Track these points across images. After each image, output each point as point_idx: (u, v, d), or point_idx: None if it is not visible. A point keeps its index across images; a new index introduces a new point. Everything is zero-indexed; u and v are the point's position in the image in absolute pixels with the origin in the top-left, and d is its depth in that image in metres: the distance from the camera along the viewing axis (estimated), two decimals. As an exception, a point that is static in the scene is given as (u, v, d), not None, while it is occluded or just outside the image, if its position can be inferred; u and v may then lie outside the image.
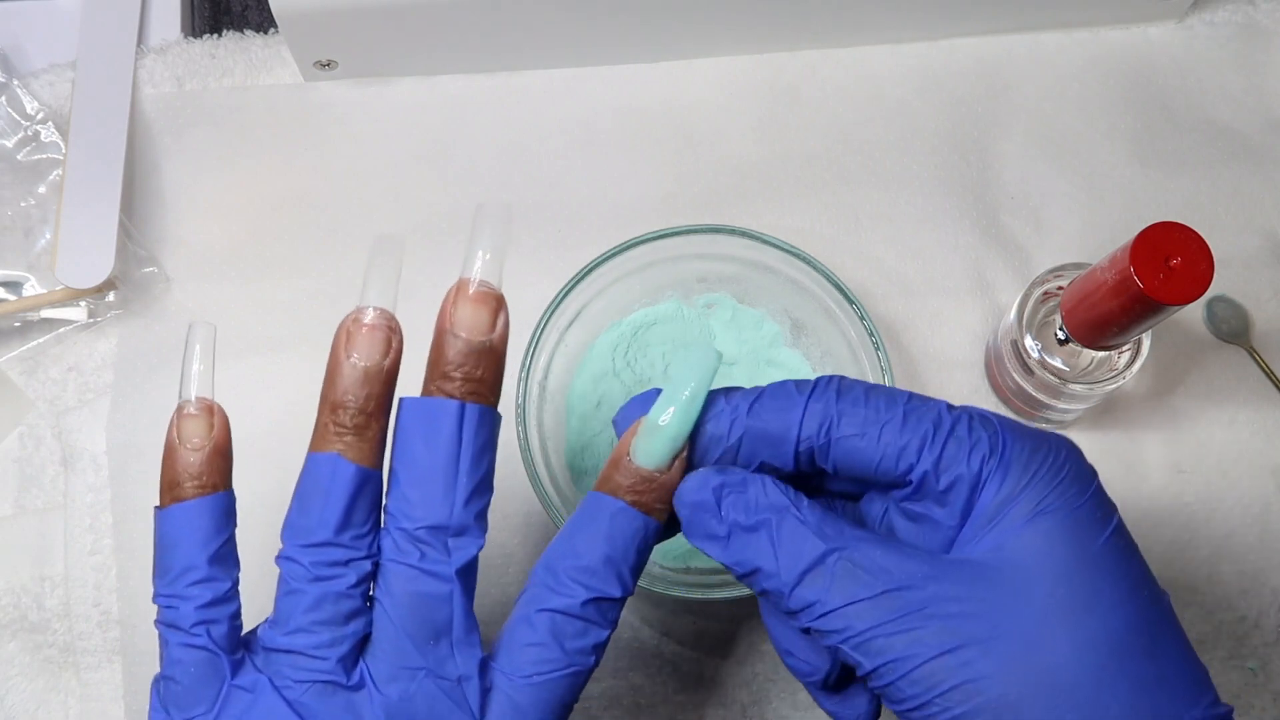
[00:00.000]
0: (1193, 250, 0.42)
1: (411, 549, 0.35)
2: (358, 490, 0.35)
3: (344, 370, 0.36)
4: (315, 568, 0.35)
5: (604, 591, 0.36)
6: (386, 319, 0.36)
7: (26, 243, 0.54)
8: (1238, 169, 0.58)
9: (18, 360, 0.54)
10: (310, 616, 0.35)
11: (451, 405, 0.36)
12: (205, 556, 0.36)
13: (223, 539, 0.36)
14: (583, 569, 0.36)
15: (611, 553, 0.36)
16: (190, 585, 0.36)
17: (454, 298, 0.37)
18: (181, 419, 0.37)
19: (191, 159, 0.57)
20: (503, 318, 0.38)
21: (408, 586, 0.35)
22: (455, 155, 0.58)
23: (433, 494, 0.36)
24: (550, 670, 0.36)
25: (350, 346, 0.36)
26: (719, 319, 0.53)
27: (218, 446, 0.37)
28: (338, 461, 0.35)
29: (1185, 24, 0.61)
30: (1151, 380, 0.54)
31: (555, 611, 0.36)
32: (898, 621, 0.32)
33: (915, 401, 0.35)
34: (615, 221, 0.56)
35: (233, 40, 0.59)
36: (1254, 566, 0.53)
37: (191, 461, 0.36)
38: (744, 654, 0.51)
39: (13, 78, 0.56)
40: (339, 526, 0.35)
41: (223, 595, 0.36)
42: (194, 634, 0.35)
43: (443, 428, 0.36)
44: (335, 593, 0.35)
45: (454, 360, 0.36)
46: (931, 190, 0.57)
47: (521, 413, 0.48)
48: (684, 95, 0.59)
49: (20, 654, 0.51)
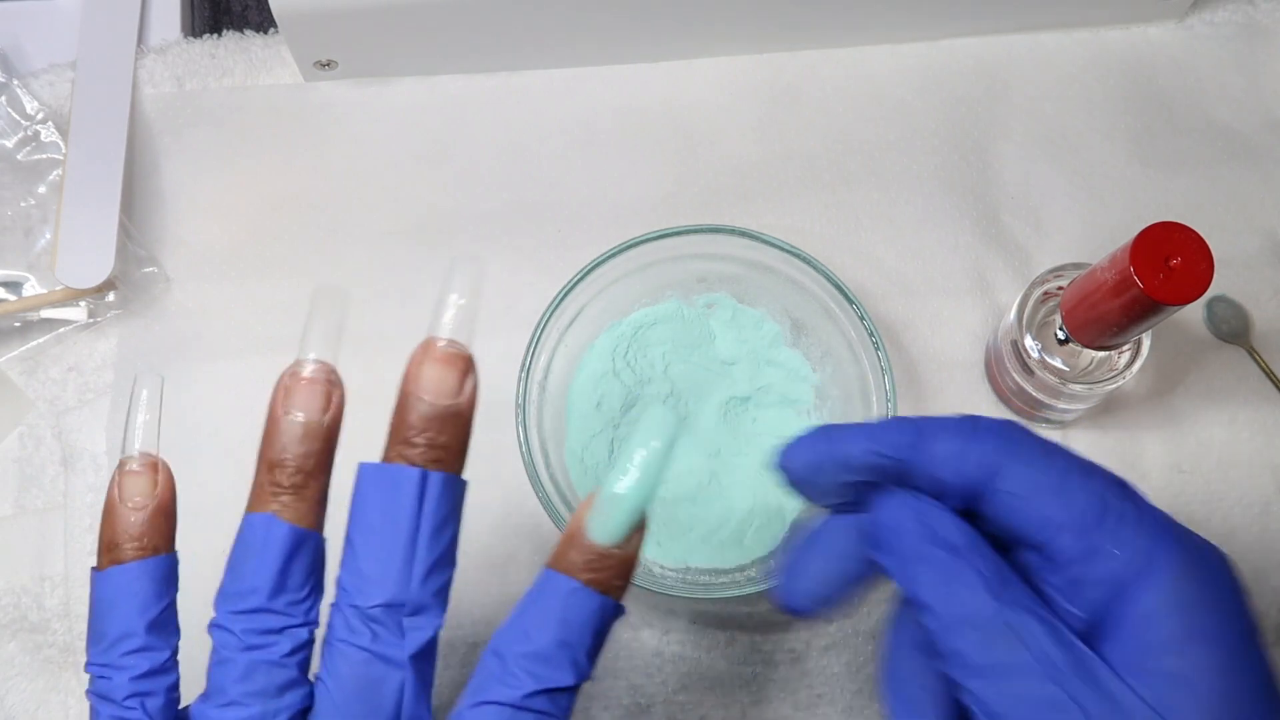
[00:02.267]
0: (1193, 250, 0.42)
1: (363, 628, 0.33)
2: (293, 551, 0.34)
3: (282, 426, 0.34)
4: (246, 635, 0.33)
5: (555, 681, 0.33)
6: (326, 372, 0.35)
7: (26, 243, 0.54)
8: (1238, 169, 0.58)
9: (18, 360, 0.54)
10: (241, 688, 0.33)
11: (413, 473, 0.33)
12: (143, 624, 0.34)
13: (162, 605, 0.34)
14: (533, 655, 0.33)
15: (566, 637, 0.33)
16: (126, 654, 0.34)
17: (420, 358, 0.34)
18: (123, 475, 0.35)
19: (191, 159, 0.57)
20: (471, 380, 0.35)
21: (355, 670, 0.33)
22: (455, 155, 0.58)
23: (389, 568, 0.33)
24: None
25: (288, 402, 0.34)
26: (719, 319, 0.53)
27: (160, 506, 0.35)
28: (272, 522, 0.33)
29: (1185, 24, 0.61)
30: (1151, 380, 0.54)
31: (501, 704, 0.33)
32: (1042, 715, 0.30)
33: (1080, 473, 0.32)
34: (615, 221, 0.56)
35: (233, 40, 0.59)
36: (1254, 566, 0.53)
37: (132, 522, 0.34)
38: (744, 654, 0.51)
39: (13, 78, 0.56)
40: (272, 591, 0.33)
41: (160, 665, 0.34)
42: (127, 707, 0.33)
43: (402, 497, 0.33)
44: (267, 662, 0.33)
45: (416, 425, 0.34)
46: (931, 190, 0.57)
47: (521, 413, 0.48)
48: (684, 95, 0.59)
49: (20, 654, 0.51)
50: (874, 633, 0.51)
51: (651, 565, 0.49)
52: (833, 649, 0.51)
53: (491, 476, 0.52)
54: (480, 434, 0.54)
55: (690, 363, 0.52)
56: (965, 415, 0.33)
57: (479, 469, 0.52)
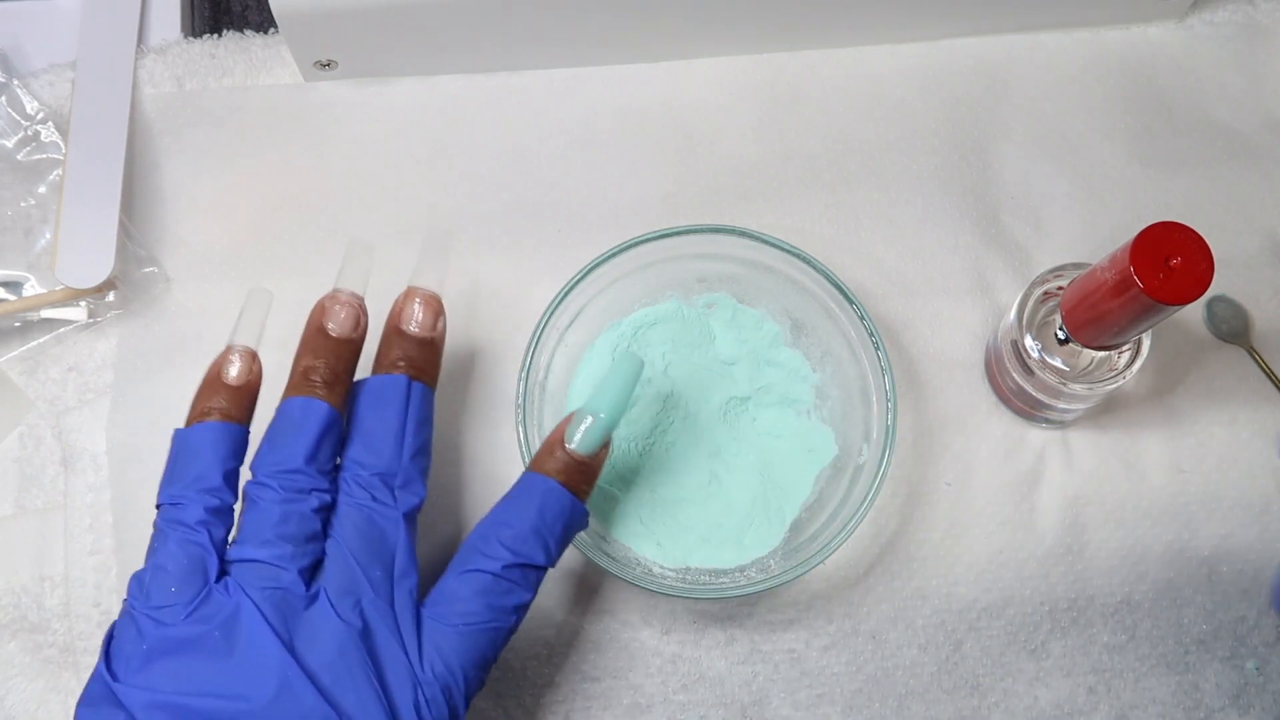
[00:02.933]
0: (1193, 250, 0.42)
1: (363, 492, 0.41)
2: (327, 428, 0.41)
3: (319, 338, 0.43)
4: (284, 491, 0.40)
5: (530, 558, 0.41)
6: (358, 300, 0.44)
7: (26, 243, 0.54)
8: (1238, 169, 0.58)
9: (18, 360, 0.54)
10: (276, 531, 0.39)
11: (401, 379, 0.43)
12: (220, 472, 0.40)
13: (234, 465, 0.41)
14: (512, 536, 0.41)
15: (539, 525, 0.41)
16: (201, 491, 0.40)
17: (403, 300, 0.45)
18: (226, 356, 0.43)
19: (191, 159, 0.57)
20: (442, 320, 0.45)
21: (359, 518, 0.40)
22: (455, 155, 0.58)
23: (383, 450, 0.42)
24: (474, 622, 0.40)
25: (326, 317, 0.43)
26: (719, 319, 0.53)
27: (249, 387, 0.42)
28: (311, 402, 0.41)
29: (1185, 24, 0.61)
30: (1151, 380, 0.54)
31: (483, 572, 0.41)
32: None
33: None
34: (615, 221, 0.56)
35: (233, 40, 0.59)
36: (1254, 566, 0.53)
37: (225, 391, 0.42)
38: (744, 654, 0.51)
39: (13, 78, 0.56)
40: (309, 457, 0.40)
41: (225, 508, 0.40)
42: (195, 531, 0.39)
43: (394, 396, 0.42)
44: (299, 513, 0.40)
45: (402, 348, 0.44)
46: (931, 190, 0.57)
47: (521, 413, 0.48)
48: (684, 95, 0.59)
49: (20, 654, 0.50)
50: (874, 633, 0.51)
51: (651, 565, 0.49)
52: (833, 649, 0.51)
53: (491, 476, 0.52)
54: (480, 433, 0.54)
55: (690, 363, 0.52)
56: None
57: (479, 468, 0.52)
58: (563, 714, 0.50)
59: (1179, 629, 0.52)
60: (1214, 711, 0.52)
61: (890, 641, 0.51)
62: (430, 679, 0.39)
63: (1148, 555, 0.53)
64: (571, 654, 0.50)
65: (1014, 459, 0.53)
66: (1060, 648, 0.52)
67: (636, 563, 0.49)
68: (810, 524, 0.50)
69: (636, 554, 0.49)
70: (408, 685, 0.39)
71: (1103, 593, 0.52)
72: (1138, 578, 0.52)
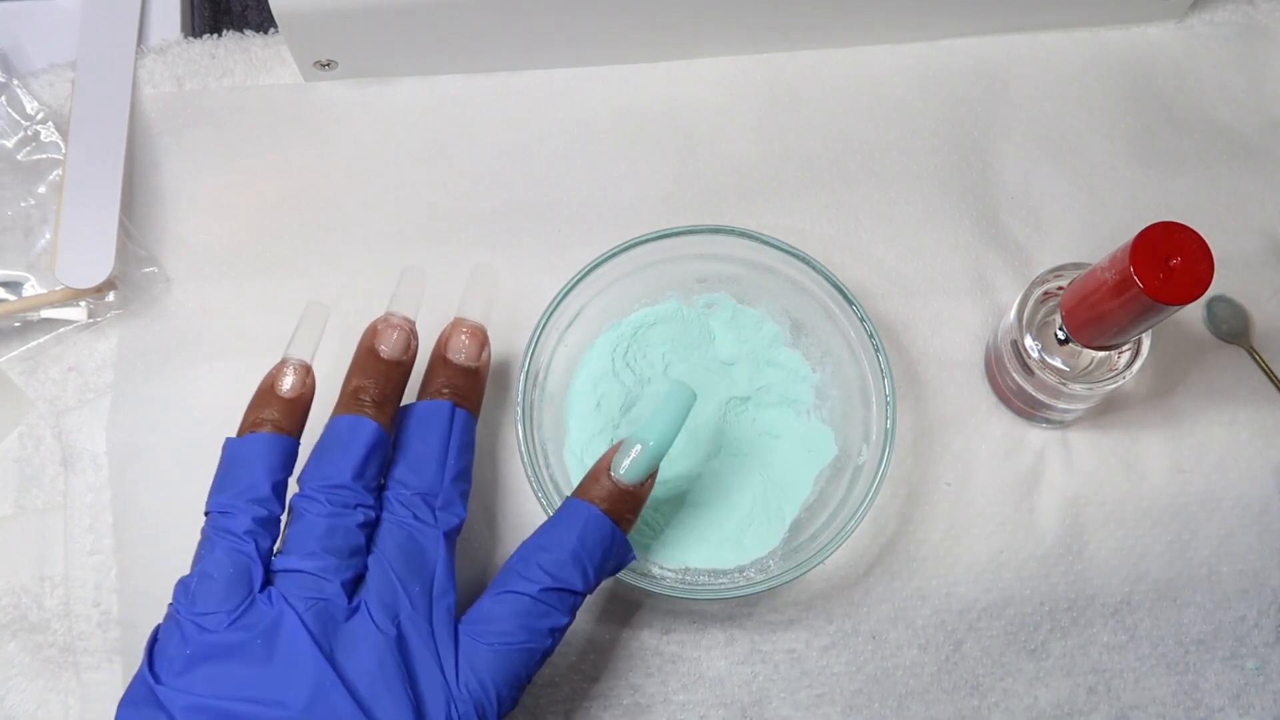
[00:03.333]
0: (1193, 250, 0.42)
1: (406, 511, 0.42)
2: (374, 446, 0.42)
3: (370, 359, 0.44)
4: (331, 505, 0.41)
5: (567, 583, 0.41)
6: (410, 325, 0.45)
7: (26, 243, 0.54)
8: (1238, 169, 0.58)
9: (18, 360, 0.54)
10: (321, 544, 0.40)
11: (445, 405, 0.44)
12: (269, 483, 0.41)
13: (283, 477, 0.42)
14: (551, 560, 0.41)
15: (580, 550, 0.42)
16: (250, 501, 0.41)
17: (450, 331, 0.46)
18: (280, 369, 0.44)
19: (191, 159, 0.57)
20: (487, 351, 0.47)
21: (400, 535, 0.41)
22: (455, 155, 0.58)
23: (425, 472, 0.43)
24: (509, 643, 0.41)
25: (378, 340, 0.44)
26: (719, 319, 0.53)
27: (301, 400, 0.43)
28: (360, 420, 0.42)
29: (1185, 24, 0.61)
30: (1151, 380, 0.54)
31: (521, 594, 0.41)
32: None
33: None
34: (615, 221, 0.56)
35: (233, 40, 0.59)
36: (1254, 566, 0.53)
37: (277, 403, 0.43)
38: (744, 654, 0.51)
39: (13, 78, 0.56)
40: (356, 474, 0.41)
41: (273, 520, 0.41)
42: (243, 540, 0.40)
43: (436, 423, 0.44)
44: (345, 527, 0.41)
45: (447, 375, 0.45)
46: (931, 190, 0.57)
47: (521, 413, 0.48)
48: (684, 95, 0.59)
49: (20, 654, 0.51)
50: (874, 633, 0.51)
51: (650, 566, 0.49)
52: (833, 649, 0.51)
53: (491, 477, 0.52)
54: (480, 434, 0.54)
55: (690, 363, 0.52)
56: None
57: (477, 468, 0.52)
58: (563, 714, 0.50)
59: (1179, 629, 0.52)
60: (1214, 711, 0.52)
61: (890, 641, 0.51)
62: (464, 695, 0.40)
63: (1148, 555, 0.53)
64: (571, 654, 0.50)
65: (1014, 459, 0.53)
66: (1060, 648, 0.52)
67: (635, 563, 0.49)
68: (810, 524, 0.50)
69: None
70: (441, 700, 0.40)
71: (1103, 593, 0.52)
72: (1138, 578, 0.52)
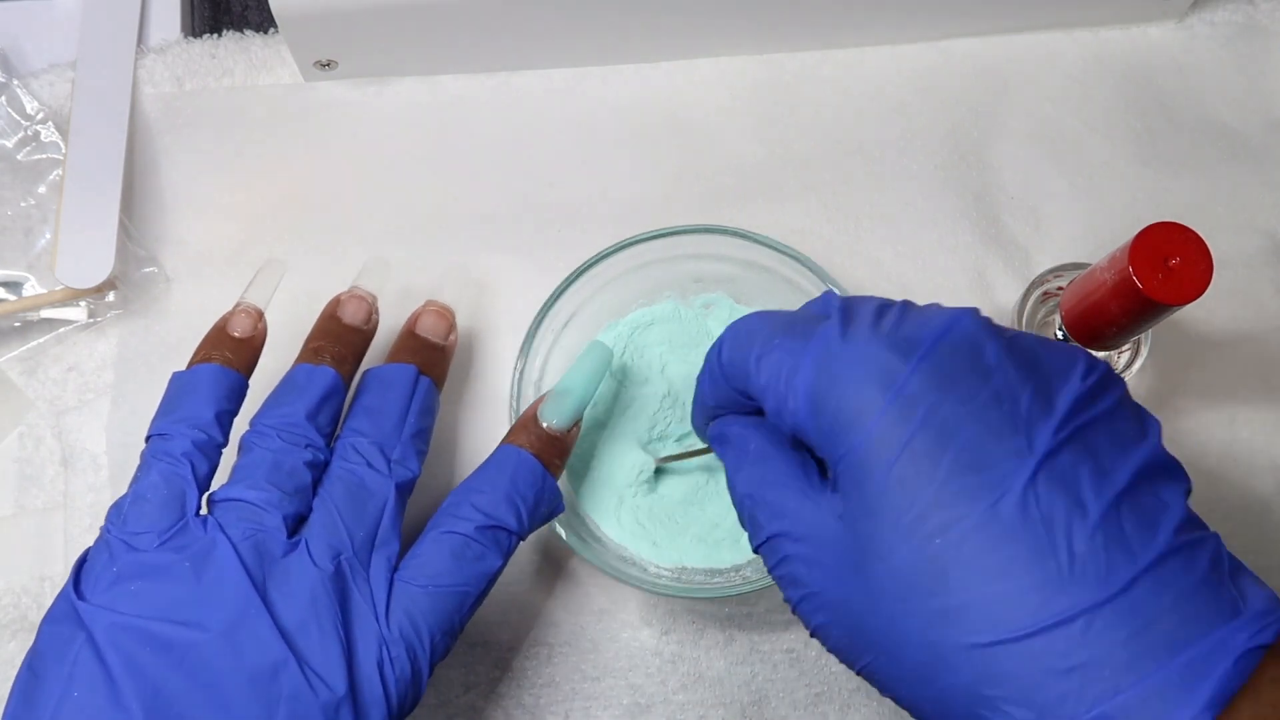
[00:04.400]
0: (1192, 250, 0.42)
1: (359, 457, 0.42)
2: (329, 392, 0.43)
3: (331, 323, 0.46)
4: (281, 440, 0.41)
5: (501, 521, 0.42)
6: (372, 298, 0.47)
7: (26, 243, 0.54)
8: (1238, 169, 0.58)
9: (18, 360, 0.54)
10: (267, 477, 0.40)
11: (409, 368, 0.45)
12: (212, 411, 0.41)
13: (228, 408, 0.42)
14: (486, 500, 0.42)
15: (511, 491, 0.43)
16: (189, 426, 0.41)
17: (420, 310, 0.48)
18: (233, 312, 0.45)
19: (191, 159, 0.57)
20: (454, 332, 0.49)
21: (350, 480, 0.41)
22: (455, 155, 0.58)
23: (383, 424, 0.43)
24: (443, 584, 0.41)
25: (340, 309, 0.46)
26: (717, 319, 0.53)
27: (251, 341, 0.44)
28: (318, 368, 0.43)
29: (1185, 24, 0.61)
30: (1151, 380, 0.54)
31: (455, 533, 0.41)
32: None
33: (769, 331, 0.36)
34: (615, 221, 0.56)
35: (233, 40, 0.59)
36: (1254, 566, 0.52)
37: (229, 342, 0.43)
38: (743, 654, 0.51)
39: (13, 78, 0.56)
40: (309, 415, 0.42)
41: (213, 445, 0.41)
42: (179, 462, 0.40)
43: (398, 383, 0.44)
44: (292, 464, 0.41)
45: (413, 348, 0.46)
46: (931, 190, 0.57)
47: (516, 413, 0.48)
48: (684, 95, 0.59)
49: (20, 654, 0.50)
50: (873, 633, 0.51)
51: (646, 565, 0.49)
52: (832, 649, 0.51)
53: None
54: (475, 434, 0.54)
55: (688, 363, 0.52)
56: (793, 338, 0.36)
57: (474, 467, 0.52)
58: (562, 714, 0.50)
59: (1179, 629, 0.52)
60: (1214, 712, 0.52)
61: (890, 641, 0.51)
62: (396, 638, 0.39)
63: (1147, 555, 0.53)
64: (571, 654, 0.50)
65: (1014, 459, 0.53)
66: (1060, 648, 0.52)
67: (632, 562, 0.49)
68: (809, 524, 0.50)
69: (632, 553, 0.49)
70: (374, 642, 0.39)
71: (1102, 593, 0.52)
72: (1137, 578, 0.52)
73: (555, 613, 0.51)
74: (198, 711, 0.36)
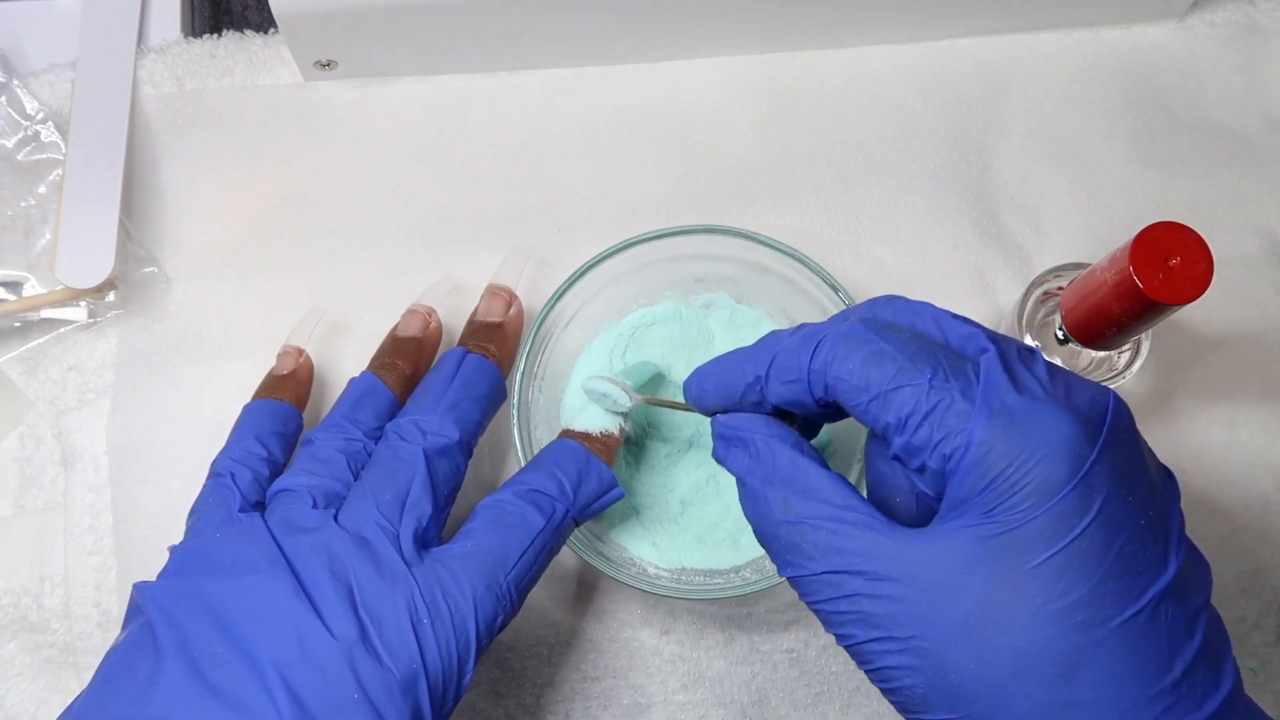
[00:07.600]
0: (1192, 250, 0.42)
1: (395, 435, 0.44)
2: (364, 394, 0.46)
3: (389, 340, 0.50)
4: (318, 434, 0.45)
5: (539, 487, 0.44)
6: (427, 309, 0.51)
7: (26, 243, 0.54)
8: (1238, 169, 0.58)
9: (18, 360, 0.54)
10: (300, 465, 0.44)
11: (457, 351, 0.47)
12: (252, 435, 0.46)
13: (273, 430, 0.46)
14: (524, 475, 0.44)
15: (553, 468, 0.44)
16: (236, 450, 0.45)
17: (482, 294, 0.51)
18: (280, 354, 0.50)
19: (191, 159, 0.57)
20: (516, 305, 0.51)
21: (384, 454, 0.44)
22: (455, 155, 0.58)
23: (422, 403, 0.45)
24: (480, 541, 0.42)
25: (399, 327, 0.50)
26: (717, 319, 0.53)
27: (295, 375, 0.49)
28: (356, 377, 0.47)
29: (1185, 24, 0.61)
30: (1151, 380, 0.54)
31: (496, 502, 0.43)
32: None
33: (907, 359, 0.34)
34: (615, 221, 0.56)
35: (233, 40, 0.59)
36: (1254, 566, 0.53)
37: (276, 381, 0.49)
38: (743, 654, 0.51)
39: (13, 78, 0.56)
40: (345, 413, 0.46)
41: (254, 458, 0.45)
42: (219, 476, 0.44)
43: (444, 365, 0.47)
44: (325, 452, 0.44)
45: (469, 332, 0.50)
46: (931, 190, 0.57)
47: (518, 412, 0.48)
48: (684, 95, 0.59)
49: (20, 654, 0.51)
50: (874, 633, 0.51)
51: (646, 565, 0.49)
52: (831, 648, 0.51)
53: (490, 476, 0.52)
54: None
55: (689, 363, 0.52)
56: (810, 332, 0.36)
57: (474, 468, 0.52)
58: (562, 714, 0.50)
59: (1179, 629, 0.52)
60: (1214, 712, 0.52)
61: (890, 641, 0.51)
62: (432, 590, 0.40)
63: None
64: (571, 654, 0.51)
65: (1014, 459, 0.53)
66: (1060, 648, 0.52)
67: (632, 563, 0.49)
68: (810, 524, 0.50)
69: (632, 554, 0.49)
70: (401, 593, 0.40)
71: (1103, 593, 0.52)
72: (1138, 578, 0.52)
73: (555, 613, 0.51)
74: (215, 646, 0.38)
